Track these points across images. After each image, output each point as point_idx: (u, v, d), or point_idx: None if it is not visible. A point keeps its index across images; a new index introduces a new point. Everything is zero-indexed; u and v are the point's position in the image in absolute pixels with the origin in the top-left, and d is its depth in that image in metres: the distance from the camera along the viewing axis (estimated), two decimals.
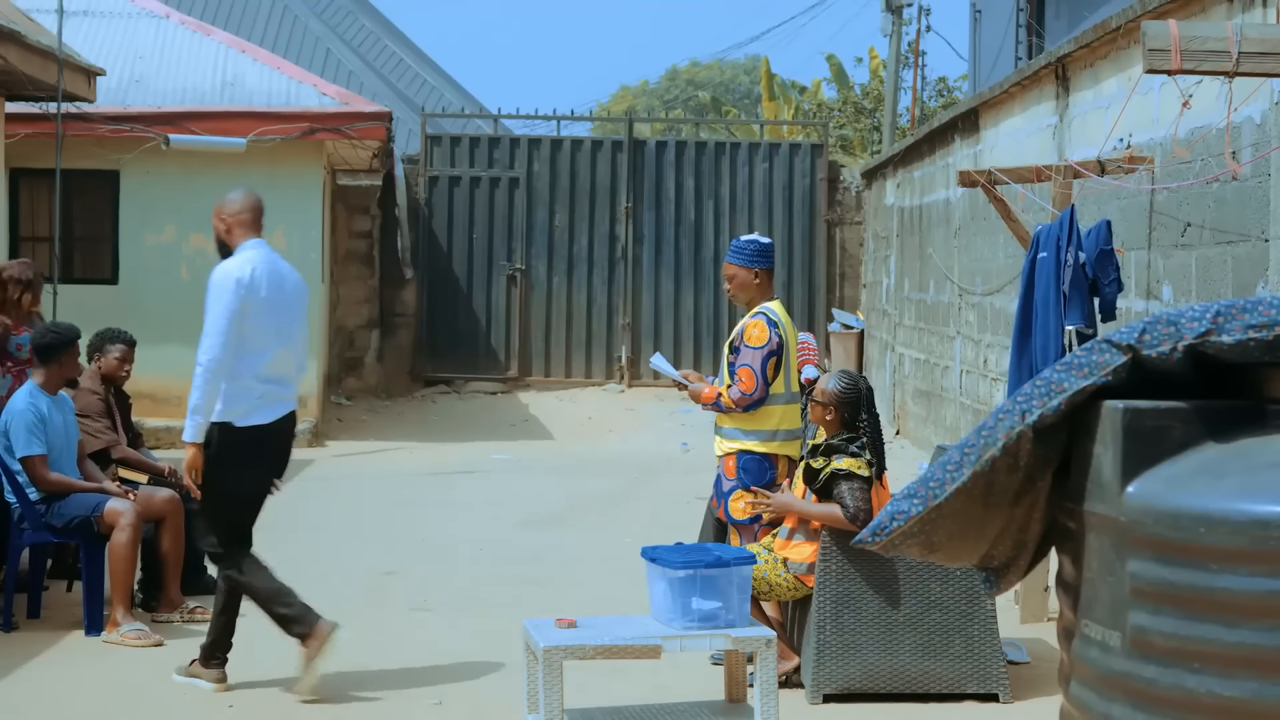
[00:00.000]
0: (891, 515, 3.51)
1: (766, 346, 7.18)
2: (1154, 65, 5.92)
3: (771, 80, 29.25)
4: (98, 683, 6.93)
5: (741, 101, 51.11)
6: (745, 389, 7.15)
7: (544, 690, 5.51)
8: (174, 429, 15.49)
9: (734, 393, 7.18)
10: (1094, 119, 9.62)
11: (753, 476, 7.19)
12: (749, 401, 7.16)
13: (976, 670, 6.66)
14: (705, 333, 19.72)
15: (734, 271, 7.37)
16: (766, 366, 7.18)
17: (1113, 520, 3.19)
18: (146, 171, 15.68)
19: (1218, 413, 3.25)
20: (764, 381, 7.16)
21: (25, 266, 8.92)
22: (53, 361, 7.94)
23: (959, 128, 13.77)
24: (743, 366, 7.18)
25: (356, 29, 30.95)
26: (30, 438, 7.79)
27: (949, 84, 28.51)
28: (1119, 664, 3.15)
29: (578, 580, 9.22)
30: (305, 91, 16.22)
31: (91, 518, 7.77)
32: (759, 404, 7.18)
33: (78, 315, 9.45)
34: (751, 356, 7.18)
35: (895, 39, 23.16)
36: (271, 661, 7.36)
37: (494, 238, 19.66)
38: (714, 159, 19.92)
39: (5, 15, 11.13)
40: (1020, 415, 3.35)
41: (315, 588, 8.87)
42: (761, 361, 7.16)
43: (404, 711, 6.56)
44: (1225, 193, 7.55)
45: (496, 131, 20.68)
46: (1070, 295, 7.66)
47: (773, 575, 6.77)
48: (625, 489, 13.59)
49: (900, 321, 16.94)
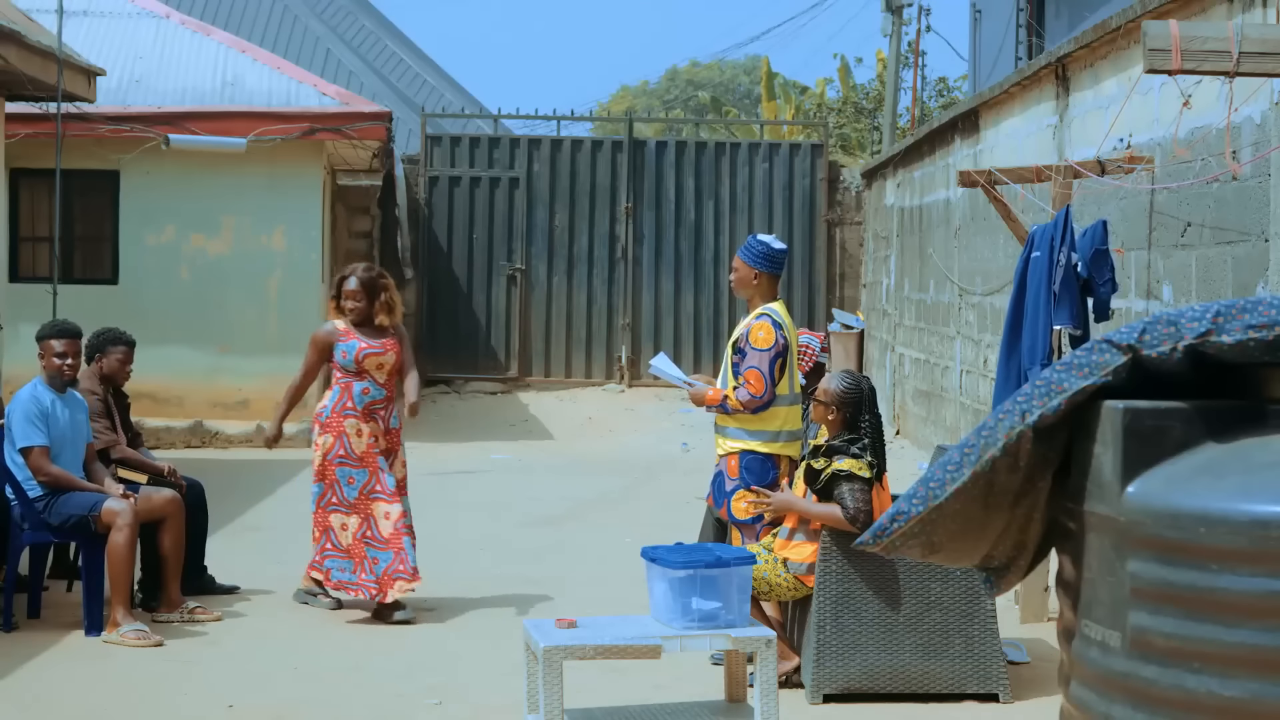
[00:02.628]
0: (892, 516, 3.51)
1: (773, 348, 7.20)
2: (1154, 65, 5.92)
3: (772, 80, 29.24)
4: (98, 683, 6.93)
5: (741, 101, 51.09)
6: (754, 391, 7.17)
7: (544, 690, 5.51)
8: (174, 429, 15.52)
9: (742, 394, 7.18)
10: (1094, 119, 9.62)
11: (755, 477, 7.20)
12: (757, 404, 7.18)
13: (976, 670, 6.66)
14: (705, 333, 19.72)
15: (738, 266, 7.46)
16: (774, 368, 7.19)
17: (1113, 520, 3.19)
18: (146, 171, 15.68)
19: (1218, 413, 3.25)
20: (772, 383, 7.18)
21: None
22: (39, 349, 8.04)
23: (959, 128, 13.77)
24: (750, 369, 7.19)
25: (356, 29, 30.94)
26: (29, 428, 7.79)
27: (949, 84, 28.50)
28: (1119, 664, 3.15)
29: (578, 580, 9.23)
30: (305, 91, 16.22)
31: (89, 517, 7.77)
32: (767, 406, 7.20)
33: (78, 315, 9.43)
34: (759, 359, 7.19)
35: (895, 39, 23.15)
36: (271, 662, 7.37)
37: (494, 238, 19.66)
38: (714, 159, 19.92)
39: (5, 15, 11.13)
40: (1020, 415, 3.35)
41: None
42: (769, 363, 7.18)
43: (404, 711, 6.56)
44: (1225, 193, 7.55)
45: (496, 131, 20.68)
46: (1060, 296, 7.66)
47: (773, 575, 6.77)
48: (625, 489, 13.59)
49: (900, 321, 16.94)
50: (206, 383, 15.79)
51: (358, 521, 8.16)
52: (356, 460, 8.18)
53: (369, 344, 8.30)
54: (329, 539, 8.22)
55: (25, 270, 15.53)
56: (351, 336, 8.30)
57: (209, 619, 8.07)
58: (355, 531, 8.16)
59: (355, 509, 8.17)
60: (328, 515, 8.21)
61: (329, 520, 8.21)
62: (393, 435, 8.35)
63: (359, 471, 8.18)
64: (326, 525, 8.21)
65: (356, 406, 8.22)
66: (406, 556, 8.11)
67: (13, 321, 13.22)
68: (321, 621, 8.18)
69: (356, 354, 8.26)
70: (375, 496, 8.17)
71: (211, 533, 9.08)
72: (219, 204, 15.84)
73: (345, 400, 8.23)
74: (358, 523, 8.15)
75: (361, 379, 8.26)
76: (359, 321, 8.34)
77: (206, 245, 15.91)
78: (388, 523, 8.15)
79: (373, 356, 8.27)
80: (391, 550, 8.11)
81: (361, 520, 8.16)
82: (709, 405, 7.30)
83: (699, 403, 7.36)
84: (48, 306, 12.40)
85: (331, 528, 8.21)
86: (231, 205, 15.86)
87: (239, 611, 8.33)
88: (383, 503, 8.17)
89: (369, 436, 8.20)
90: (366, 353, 8.26)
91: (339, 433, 8.19)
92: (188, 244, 15.86)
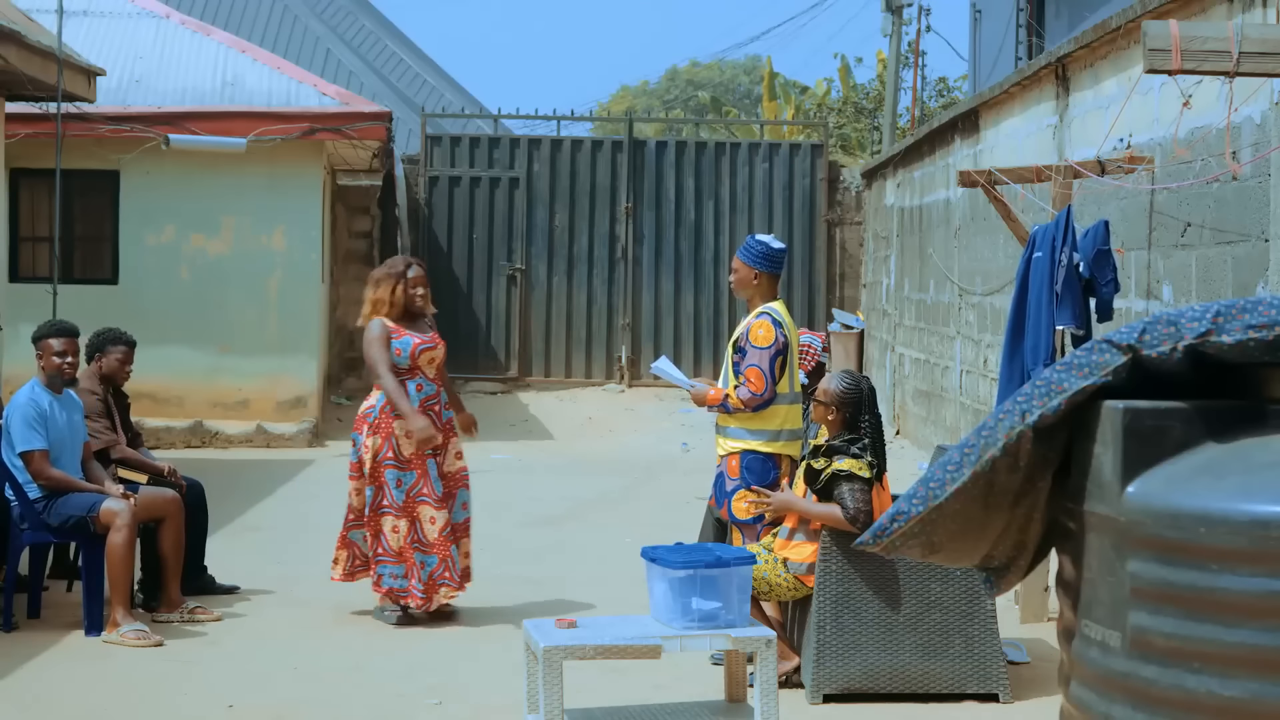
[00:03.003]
0: (892, 516, 3.51)
1: (773, 346, 7.22)
2: (1154, 65, 5.92)
3: (774, 80, 29.24)
4: (98, 683, 6.93)
5: (742, 101, 51.09)
6: (755, 389, 7.18)
7: (544, 690, 5.51)
8: (174, 429, 15.52)
9: (743, 393, 7.19)
10: (1094, 119, 9.62)
11: (756, 476, 7.20)
12: (758, 402, 7.19)
13: (976, 670, 6.66)
14: (705, 333, 19.72)
15: (738, 266, 7.47)
16: (774, 366, 7.20)
17: (1113, 520, 3.19)
18: (146, 171, 15.68)
19: (1218, 413, 3.25)
20: (772, 381, 7.19)
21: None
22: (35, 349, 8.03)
23: (959, 128, 13.77)
24: (751, 367, 7.20)
25: (356, 29, 30.95)
26: (29, 432, 7.79)
27: (949, 84, 28.50)
28: (1119, 664, 3.15)
29: (578, 580, 9.22)
30: (305, 91, 16.22)
31: (88, 517, 7.77)
32: (767, 404, 7.21)
33: (78, 315, 9.43)
34: (759, 357, 7.20)
35: (895, 39, 23.15)
36: (271, 662, 7.37)
37: (494, 238, 19.66)
38: (714, 159, 19.92)
39: (5, 15, 11.13)
40: (1020, 415, 3.35)
41: (316, 588, 8.88)
42: (770, 361, 7.20)
43: (404, 711, 6.56)
44: (1225, 193, 7.55)
45: (496, 131, 20.68)
46: (1062, 296, 7.66)
47: (773, 575, 6.77)
48: (625, 489, 13.59)
49: (900, 321, 16.94)
50: (206, 383, 15.79)
51: (406, 525, 7.96)
52: (405, 462, 7.97)
53: (421, 339, 8.13)
54: (380, 543, 8.00)
55: (25, 270, 15.53)
56: (404, 333, 8.11)
57: (209, 619, 8.07)
58: (405, 535, 7.96)
59: (404, 512, 7.96)
60: (379, 518, 7.99)
61: (380, 523, 7.99)
62: (445, 427, 8.15)
63: (407, 474, 7.97)
64: (378, 529, 8.00)
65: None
66: (453, 563, 7.96)
67: (13, 321, 13.21)
68: (321, 621, 8.18)
69: (412, 350, 8.07)
70: (421, 500, 7.97)
71: (211, 533, 9.08)
72: (219, 204, 15.84)
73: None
74: (406, 526, 7.96)
75: (413, 375, 8.06)
76: (416, 313, 8.19)
77: (206, 245, 15.91)
78: (433, 527, 7.95)
79: (426, 351, 8.10)
80: (437, 555, 7.95)
81: (409, 524, 7.97)
82: (710, 405, 7.31)
83: (700, 403, 7.37)
84: (48, 306, 12.39)
85: (383, 531, 7.99)
86: (231, 205, 15.86)
87: (239, 611, 8.33)
88: (428, 507, 7.97)
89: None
90: (422, 348, 8.09)
91: (388, 434, 7.97)
92: (188, 244, 15.86)
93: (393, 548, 7.98)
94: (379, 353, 8.05)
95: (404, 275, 8.16)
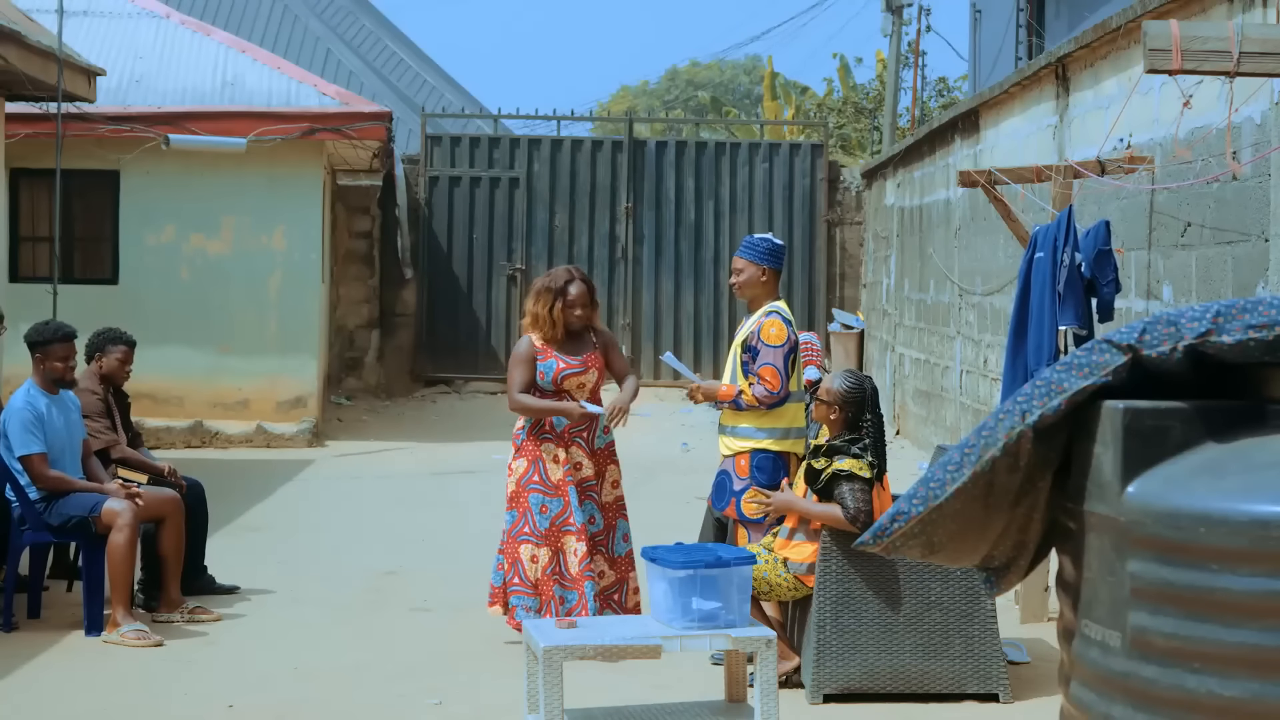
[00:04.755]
0: (892, 516, 3.51)
1: (786, 344, 7.27)
2: (1155, 65, 5.92)
3: (774, 80, 29.24)
4: (98, 683, 6.93)
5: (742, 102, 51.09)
6: (771, 387, 7.21)
7: (544, 690, 5.51)
8: (174, 429, 15.51)
9: (759, 390, 7.22)
10: (1094, 119, 9.62)
11: (767, 475, 7.23)
12: (773, 400, 7.23)
13: (976, 670, 6.66)
14: (705, 333, 19.72)
15: (743, 266, 7.45)
16: (788, 364, 7.25)
17: (1113, 520, 3.19)
18: (146, 171, 15.68)
19: (1218, 413, 3.25)
20: (786, 379, 7.23)
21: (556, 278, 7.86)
22: (33, 354, 7.99)
23: (959, 128, 13.77)
24: (766, 365, 7.24)
25: (356, 29, 30.94)
26: (27, 436, 7.79)
27: (949, 84, 28.51)
28: (1119, 664, 3.15)
29: None
30: (305, 91, 16.22)
31: (89, 518, 7.77)
32: (782, 402, 7.24)
33: (78, 315, 9.45)
34: (773, 355, 7.24)
35: (895, 39, 23.16)
36: (271, 662, 7.36)
37: (494, 238, 19.66)
38: (714, 159, 19.92)
39: (5, 15, 11.13)
40: (1020, 415, 3.35)
41: (316, 588, 8.89)
42: (784, 359, 7.24)
43: (404, 711, 6.56)
44: (1225, 193, 7.55)
45: (496, 132, 20.68)
46: (1065, 296, 7.66)
47: (773, 575, 6.77)
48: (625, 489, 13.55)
49: (900, 321, 16.94)
50: (206, 383, 15.79)
51: (548, 555, 7.42)
52: (552, 488, 7.48)
53: (568, 362, 7.57)
54: (516, 572, 7.46)
55: (25, 270, 15.53)
56: (550, 355, 7.58)
57: (209, 619, 8.07)
58: (545, 566, 7.41)
59: (546, 540, 7.43)
60: (518, 545, 7.46)
61: (518, 551, 7.46)
62: (599, 456, 7.62)
63: (553, 500, 7.47)
64: (515, 556, 7.46)
65: (555, 429, 7.54)
66: (588, 602, 7.33)
67: (13, 322, 13.19)
68: (321, 621, 8.18)
69: (555, 374, 7.56)
70: (566, 530, 7.45)
71: (211, 533, 9.08)
72: (219, 204, 15.84)
73: (543, 423, 7.57)
74: (548, 556, 7.42)
75: (560, 399, 7.58)
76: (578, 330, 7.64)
77: (206, 245, 15.91)
78: (575, 559, 7.41)
79: (573, 377, 7.57)
80: (576, 591, 7.39)
81: (551, 555, 7.43)
82: (720, 400, 7.34)
83: (710, 398, 7.38)
84: (48, 306, 12.39)
85: (520, 560, 7.45)
86: (231, 205, 15.86)
87: (239, 611, 8.33)
88: (571, 537, 7.44)
89: (566, 464, 7.50)
90: (566, 373, 7.56)
91: (534, 457, 7.53)
92: (188, 244, 15.86)
93: (529, 578, 7.45)
94: (517, 373, 7.65)
95: (563, 292, 7.57)
